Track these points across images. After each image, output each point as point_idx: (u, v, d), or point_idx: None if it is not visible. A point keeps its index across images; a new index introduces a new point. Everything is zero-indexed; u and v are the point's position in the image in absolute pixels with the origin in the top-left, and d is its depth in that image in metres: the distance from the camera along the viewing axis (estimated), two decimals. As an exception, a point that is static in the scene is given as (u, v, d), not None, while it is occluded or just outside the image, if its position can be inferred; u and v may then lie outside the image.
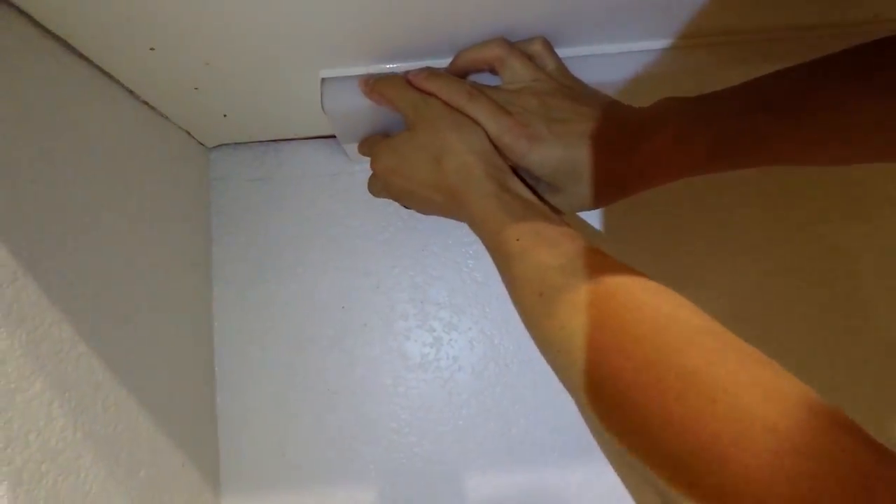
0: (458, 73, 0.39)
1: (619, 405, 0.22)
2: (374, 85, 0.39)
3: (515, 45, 0.37)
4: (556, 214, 0.33)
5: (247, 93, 0.42)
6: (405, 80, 0.38)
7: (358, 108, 0.40)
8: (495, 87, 0.37)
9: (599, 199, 0.36)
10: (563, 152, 0.34)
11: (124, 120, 0.40)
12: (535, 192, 0.35)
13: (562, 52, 0.39)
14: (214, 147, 0.54)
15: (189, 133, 0.50)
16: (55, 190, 0.32)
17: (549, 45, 0.37)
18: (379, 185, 0.41)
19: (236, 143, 0.54)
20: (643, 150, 0.34)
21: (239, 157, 0.54)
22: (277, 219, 0.53)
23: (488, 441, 0.51)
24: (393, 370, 0.51)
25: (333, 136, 0.53)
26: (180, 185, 0.48)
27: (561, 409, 0.51)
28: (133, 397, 0.37)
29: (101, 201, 0.36)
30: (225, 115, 0.46)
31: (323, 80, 0.40)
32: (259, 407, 0.50)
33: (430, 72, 0.38)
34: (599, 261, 0.27)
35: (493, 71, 0.38)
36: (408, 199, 0.40)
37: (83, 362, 0.32)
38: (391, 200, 0.52)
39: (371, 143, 0.41)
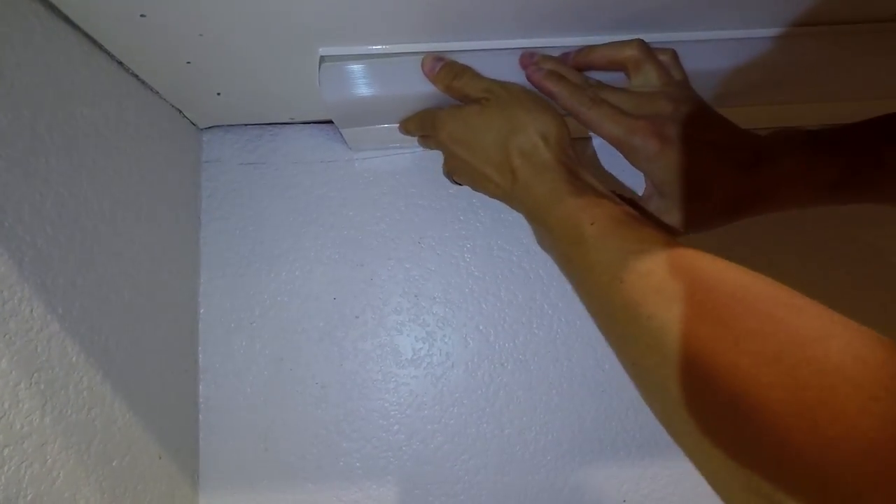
0: (584, 67, 0.38)
1: (730, 406, 0.20)
2: (440, 72, 0.38)
3: (652, 51, 0.36)
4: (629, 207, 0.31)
5: (242, 70, 0.40)
6: (472, 71, 0.37)
7: (358, 94, 0.39)
8: (623, 90, 0.37)
9: (714, 216, 0.35)
10: (691, 159, 0.33)
11: (112, 93, 0.38)
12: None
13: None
14: (207, 128, 0.52)
15: (181, 111, 0.48)
16: (33, 161, 0.30)
17: (677, 57, 0.37)
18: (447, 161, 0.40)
19: (230, 125, 0.52)
20: (768, 172, 0.33)
21: (232, 140, 0.52)
22: (270, 205, 0.51)
23: (480, 442, 0.49)
24: (384, 365, 0.50)
25: (331, 122, 0.52)
26: (170, 165, 0.46)
27: (555, 410, 0.49)
28: (109, 383, 0.35)
29: (83, 175, 0.34)
30: (219, 94, 0.45)
31: (322, 58, 0.38)
32: (243, 399, 0.49)
33: (552, 72, 0.37)
34: (684, 249, 0.25)
35: (621, 71, 0.37)
36: (463, 173, 0.38)
37: (55, 343, 0.30)
38: (394, 191, 0.51)
39: (431, 115, 0.39)
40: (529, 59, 0.38)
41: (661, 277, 0.24)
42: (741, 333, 0.20)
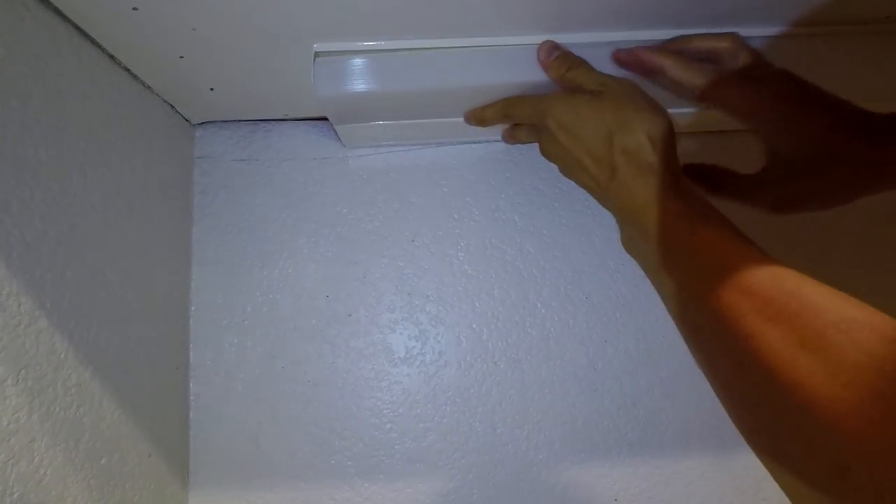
0: (679, 52, 0.38)
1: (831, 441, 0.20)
2: (555, 61, 0.38)
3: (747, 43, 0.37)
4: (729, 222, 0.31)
5: (235, 65, 0.40)
6: (587, 64, 0.37)
7: (353, 91, 0.39)
8: (735, 68, 0.37)
9: (842, 187, 0.35)
10: (824, 124, 0.33)
11: (103, 86, 0.38)
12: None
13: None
14: (200, 124, 0.52)
15: (173, 107, 0.47)
16: (21, 153, 0.29)
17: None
18: (547, 143, 0.39)
19: (223, 121, 0.52)
20: (893, 149, 0.33)
21: (225, 136, 0.52)
22: (263, 202, 0.51)
23: (472, 440, 0.49)
24: (376, 363, 0.49)
25: (325, 119, 0.52)
26: (162, 160, 0.46)
27: (548, 409, 0.49)
28: (97, 380, 0.35)
29: (73, 169, 0.34)
30: (212, 89, 0.44)
31: (316, 54, 0.38)
32: (234, 396, 0.48)
33: (662, 49, 0.37)
34: (786, 269, 0.25)
35: (712, 59, 0.37)
36: (560, 159, 0.38)
37: (43, 339, 0.30)
38: (388, 189, 0.51)
39: (536, 99, 0.38)
40: (628, 50, 0.38)
41: (764, 298, 0.24)
42: (842, 367, 0.20)
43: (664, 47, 0.38)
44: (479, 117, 0.43)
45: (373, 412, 0.49)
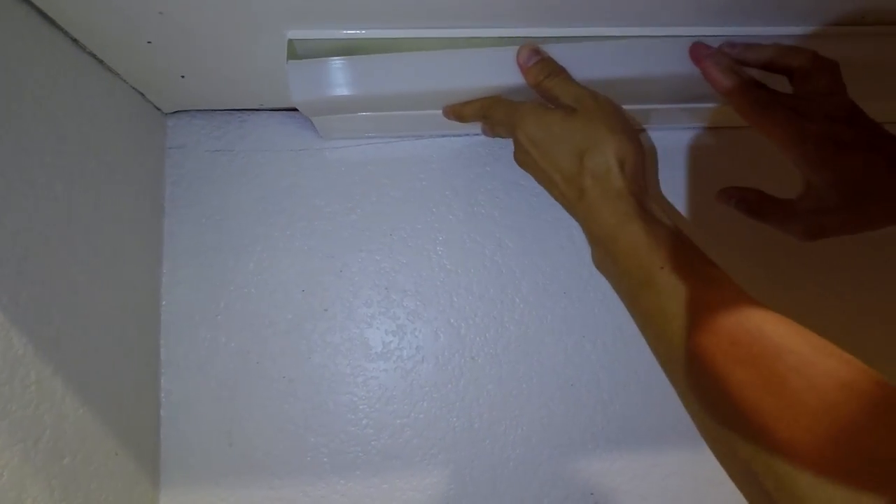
0: (750, 64, 0.37)
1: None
2: (534, 66, 0.37)
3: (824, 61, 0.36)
4: (698, 247, 0.32)
5: (206, 52, 0.39)
6: (566, 74, 0.37)
7: (330, 95, 0.38)
8: (791, 94, 0.36)
9: (880, 219, 0.36)
10: (863, 164, 0.34)
11: (67, 72, 0.36)
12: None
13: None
14: (172, 113, 0.50)
15: (143, 95, 0.46)
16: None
17: (839, 69, 0.37)
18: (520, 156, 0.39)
19: (196, 110, 0.50)
20: None
21: (198, 126, 0.50)
22: (237, 194, 0.50)
23: (450, 435, 0.49)
24: (353, 358, 0.49)
25: (301, 109, 0.50)
26: (131, 150, 0.44)
27: (525, 405, 0.49)
28: (60, 377, 0.33)
29: (34, 158, 0.32)
30: (183, 77, 0.43)
31: (290, 42, 0.37)
32: (206, 393, 0.47)
33: (729, 68, 0.36)
34: (753, 309, 0.26)
35: (785, 75, 0.37)
36: (531, 170, 0.38)
37: (-1, 334, 0.29)
38: (366, 181, 0.50)
39: (511, 108, 0.38)
40: (705, 49, 0.37)
41: (731, 339, 0.25)
42: (802, 412, 0.22)
43: (729, 53, 0.38)
44: (457, 113, 0.42)
45: (349, 408, 0.48)
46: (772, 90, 0.36)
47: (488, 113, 0.40)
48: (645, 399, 0.50)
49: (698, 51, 0.38)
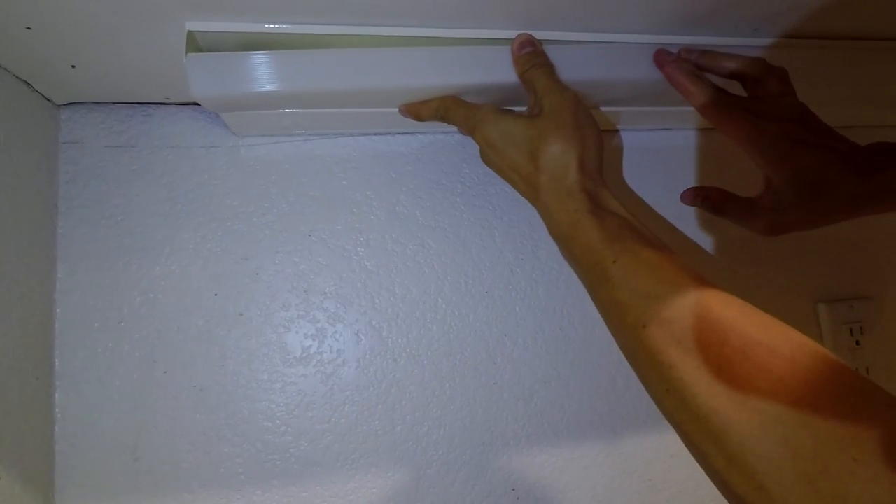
0: (704, 68, 0.40)
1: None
2: (524, 56, 0.38)
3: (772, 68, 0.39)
4: (653, 232, 0.33)
5: (97, 40, 0.36)
6: (551, 68, 0.38)
7: (235, 93, 0.36)
8: (746, 97, 0.39)
9: (833, 213, 0.38)
10: (817, 161, 0.36)
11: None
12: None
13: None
14: (66, 105, 0.46)
15: (30, 84, 0.42)
16: None
17: (788, 75, 0.40)
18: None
19: (94, 103, 0.47)
20: (880, 177, 0.37)
21: (97, 119, 0.47)
22: (142, 193, 0.47)
23: (371, 439, 0.48)
24: (270, 364, 0.47)
25: (212, 104, 0.48)
26: (18, 145, 0.41)
27: (448, 405, 0.49)
28: (-79, 396, 0.30)
29: None
30: (73, 67, 0.40)
31: (190, 34, 0.35)
32: (108, 406, 0.44)
33: (693, 72, 0.39)
34: (707, 293, 0.27)
35: (739, 81, 0.40)
36: (493, 167, 0.39)
37: None
38: (283, 181, 0.49)
39: (471, 111, 0.39)
40: (668, 56, 0.40)
41: (681, 327, 0.26)
42: (749, 393, 0.22)
43: (688, 59, 0.40)
44: (414, 113, 0.43)
45: (266, 415, 0.47)
46: (730, 93, 0.38)
47: (446, 115, 0.41)
48: (564, 394, 0.52)
49: (661, 57, 0.40)
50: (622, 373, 0.53)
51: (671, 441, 0.54)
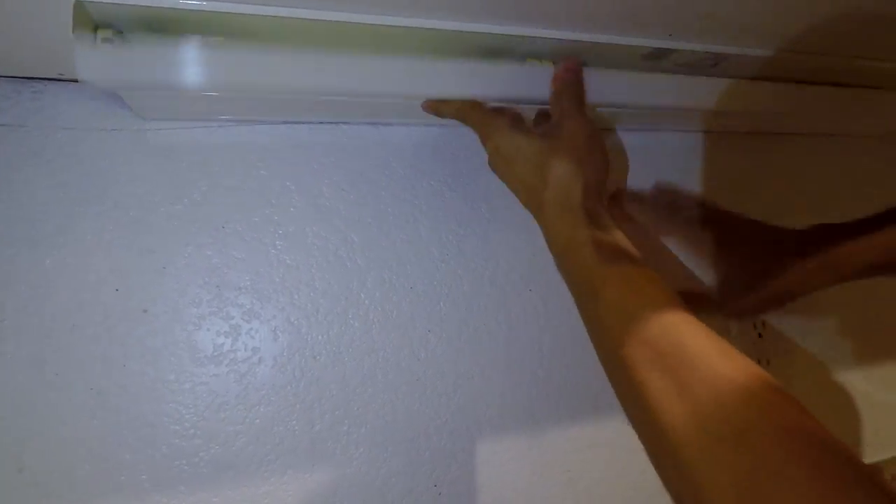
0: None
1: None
2: (566, 76, 0.41)
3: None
4: (640, 258, 0.35)
5: (-33, 5, 0.32)
6: (582, 98, 0.42)
7: (134, 80, 0.33)
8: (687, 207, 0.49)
9: (788, 294, 0.42)
10: (747, 258, 0.41)
11: None
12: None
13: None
14: (-63, 76, 0.41)
15: None
16: None
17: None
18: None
19: (-27, 76, 0.42)
20: (797, 270, 0.40)
21: (-24, 94, 0.42)
22: (30, 178, 0.42)
23: (288, 440, 0.46)
24: (178, 364, 0.44)
25: (114, 83, 0.44)
26: None
27: (369, 402, 0.48)
28: None
29: None
30: (-58, 33, 0.35)
31: (78, 4, 0.32)
32: (-13, 412, 0.40)
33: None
34: (678, 318, 0.29)
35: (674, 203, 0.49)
36: (500, 174, 0.41)
37: None
38: (195, 169, 0.46)
39: (488, 120, 0.41)
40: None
41: (653, 350, 0.28)
42: (703, 416, 0.25)
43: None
44: (435, 109, 0.43)
45: (173, 418, 0.44)
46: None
47: (465, 117, 0.43)
48: (486, 389, 0.52)
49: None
50: (544, 367, 0.54)
51: (591, 433, 0.55)
